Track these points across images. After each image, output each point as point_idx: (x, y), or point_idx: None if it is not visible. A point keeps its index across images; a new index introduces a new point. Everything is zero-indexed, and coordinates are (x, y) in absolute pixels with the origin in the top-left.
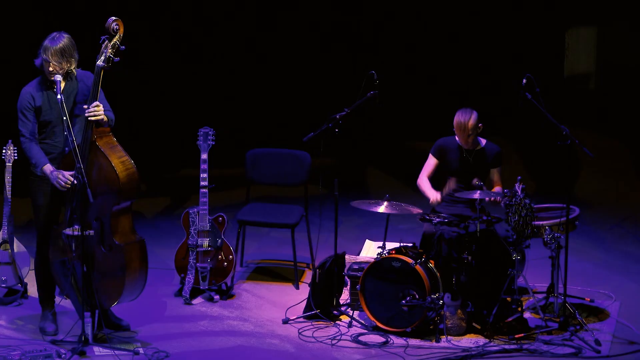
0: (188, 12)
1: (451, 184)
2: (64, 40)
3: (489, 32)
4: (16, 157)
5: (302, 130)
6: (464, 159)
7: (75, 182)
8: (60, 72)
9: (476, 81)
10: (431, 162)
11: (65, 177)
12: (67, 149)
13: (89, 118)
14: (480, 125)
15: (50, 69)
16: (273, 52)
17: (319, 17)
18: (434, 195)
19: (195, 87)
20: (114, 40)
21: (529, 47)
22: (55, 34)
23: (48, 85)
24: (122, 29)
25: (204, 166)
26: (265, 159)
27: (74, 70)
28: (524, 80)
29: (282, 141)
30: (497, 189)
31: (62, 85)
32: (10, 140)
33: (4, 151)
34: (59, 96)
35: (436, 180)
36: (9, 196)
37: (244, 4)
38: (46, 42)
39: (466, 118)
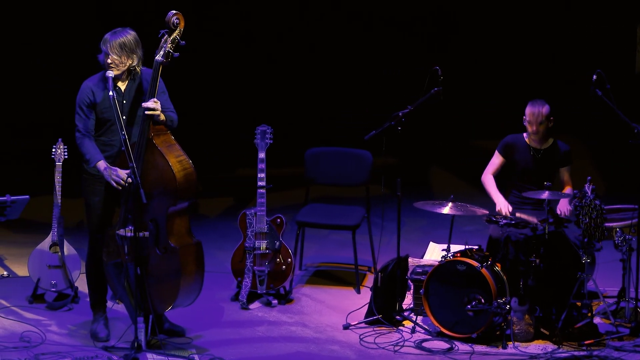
0: (248, 8)
1: (528, 218)
2: (127, 35)
3: (559, 28)
4: (66, 156)
5: (363, 128)
6: (532, 158)
7: (130, 180)
8: (120, 66)
9: (545, 78)
10: (497, 160)
11: (120, 174)
12: (122, 147)
13: (146, 112)
14: (551, 118)
15: (109, 61)
16: (333, 49)
17: (381, 12)
18: (505, 207)
19: (254, 84)
20: (174, 34)
21: (599, 43)
22: (119, 28)
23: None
24: (182, 23)
25: (262, 165)
26: (325, 158)
27: (137, 68)
28: (594, 77)
29: (342, 139)
30: (567, 190)
31: (125, 83)
32: (60, 139)
33: (53, 150)
34: (110, 92)
35: (501, 180)
36: (59, 197)
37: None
38: (107, 35)
39: (540, 107)
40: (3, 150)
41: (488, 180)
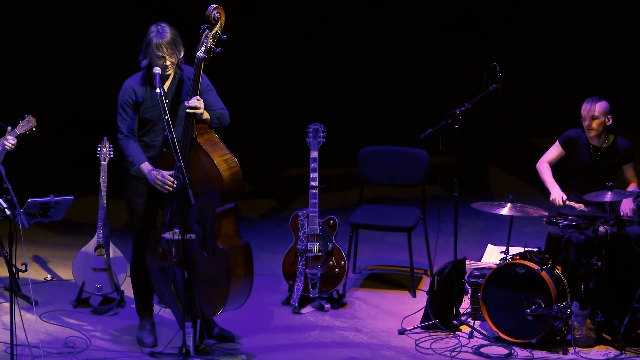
0: (299, 4)
1: (576, 205)
2: (169, 30)
3: (619, 24)
4: (112, 156)
5: (419, 126)
6: (591, 157)
7: (175, 182)
8: (170, 65)
9: (605, 74)
10: (556, 150)
11: (165, 177)
12: (164, 149)
13: (188, 111)
14: (609, 116)
15: (167, 63)
16: (387, 46)
17: (432, 9)
18: (559, 196)
19: (305, 81)
20: (215, 29)
21: None
22: (154, 27)
23: (152, 79)
24: (223, 17)
25: (314, 165)
26: (379, 157)
27: (180, 66)
28: None
29: (397, 138)
30: (632, 187)
31: (168, 82)
32: (105, 138)
33: (98, 149)
34: (158, 90)
35: (561, 180)
36: (104, 197)
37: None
38: (154, 39)
39: (593, 104)
40: (47, 149)
41: (544, 167)
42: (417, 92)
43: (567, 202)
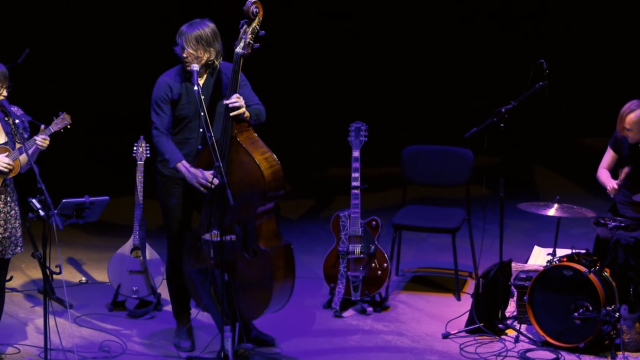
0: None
1: (625, 170)
2: (204, 27)
3: None
4: (148, 155)
5: (463, 125)
6: (634, 154)
7: (217, 182)
8: (196, 61)
9: None
10: (609, 155)
11: (205, 176)
12: (199, 146)
13: (231, 113)
14: None
15: (185, 55)
16: (432, 43)
17: (480, 6)
18: (610, 184)
19: (347, 78)
20: (254, 24)
21: None
22: (197, 20)
23: (188, 75)
24: (261, 12)
25: (356, 165)
26: (423, 156)
27: (216, 62)
28: None
29: (442, 137)
30: None
31: (204, 78)
32: (142, 136)
33: (135, 148)
34: (195, 87)
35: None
36: (141, 198)
37: None
38: (183, 27)
39: (626, 110)
40: (82, 148)
41: (602, 174)
42: (463, 90)
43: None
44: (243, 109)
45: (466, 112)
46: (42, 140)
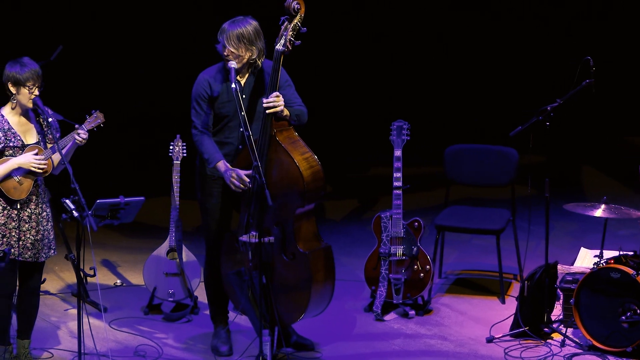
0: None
1: None
2: (246, 25)
3: None
4: (185, 154)
5: (508, 123)
6: None
7: (251, 182)
8: (237, 59)
9: None
10: None
11: (242, 176)
12: (240, 146)
13: (267, 111)
14: None
15: (225, 53)
16: (474, 39)
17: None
18: None
19: (388, 75)
20: (295, 21)
21: None
22: (239, 17)
23: (228, 73)
24: (303, 9)
25: (398, 164)
26: (467, 156)
27: (258, 61)
28: None
29: (485, 136)
30: None
31: (245, 77)
32: (178, 135)
33: (171, 147)
34: (233, 85)
35: None
36: (177, 198)
37: None
38: (225, 24)
39: None
40: (116, 147)
41: None
42: (508, 87)
43: None
44: (280, 108)
45: (511, 110)
46: (82, 135)
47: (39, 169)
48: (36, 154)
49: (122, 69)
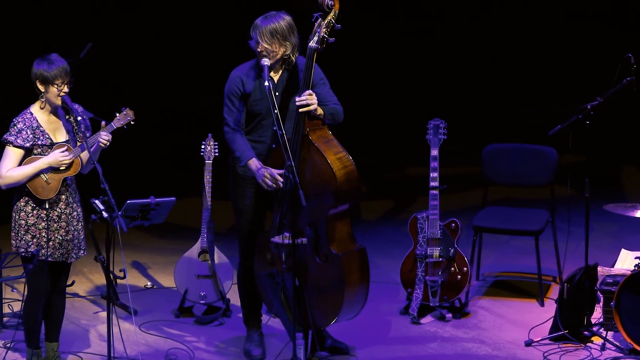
0: None
1: None
2: (279, 20)
3: None
4: (217, 154)
5: (547, 122)
6: None
7: (285, 182)
8: (271, 55)
9: None
10: None
11: (274, 175)
12: (274, 145)
13: (300, 109)
14: None
15: (259, 49)
16: (512, 36)
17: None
18: None
19: (425, 73)
20: (329, 18)
21: None
22: (272, 12)
23: (261, 70)
24: (337, 5)
25: (434, 164)
26: (505, 155)
27: (292, 57)
28: None
29: (524, 135)
30: None
31: (279, 74)
32: (210, 134)
33: (202, 146)
34: (266, 83)
35: None
36: (209, 198)
37: None
38: (258, 20)
39: None
40: (147, 146)
41: None
42: (545, 85)
43: None
44: (313, 107)
45: (550, 109)
46: (104, 137)
47: (64, 164)
48: (64, 151)
49: (154, 66)
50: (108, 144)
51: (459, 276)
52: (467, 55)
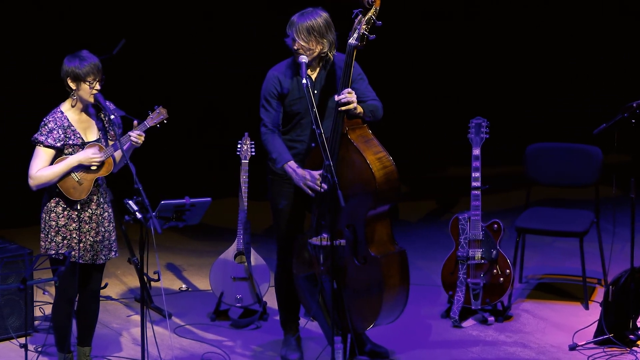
0: None
1: None
2: (316, 17)
3: None
4: (253, 153)
5: (592, 121)
6: None
7: (323, 182)
8: (309, 53)
9: None
10: None
11: (313, 177)
12: (312, 144)
13: (339, 105)
14: None
15: (296, 47)
16: (554, 33)
17: None
18: None
19: (467, 71)
20: (369, 14)
21: None
22: (309, 9)
23: (298, 69)
24: (378, 1)
25: (476, 163)
26: (548, 155)
27: (329, 55)
28: None
29: (568, 134)
30: None
31: (316, 71)
32: (246, 133)
33: (239, 146)
34: (304, 81)
35: None
36: (245, 199)
37: None
38: (294, 17)
39: None
40: (181, 145)
41: None
42: (590, 83)
43: None
44: (353, 105)
45: (594, 107)
46: (136, 136)
47: (96, 164)
48: (98, 149)
49: (189, 64)
50: (141, 142)
51: (501, 278)
52: (510, 53)
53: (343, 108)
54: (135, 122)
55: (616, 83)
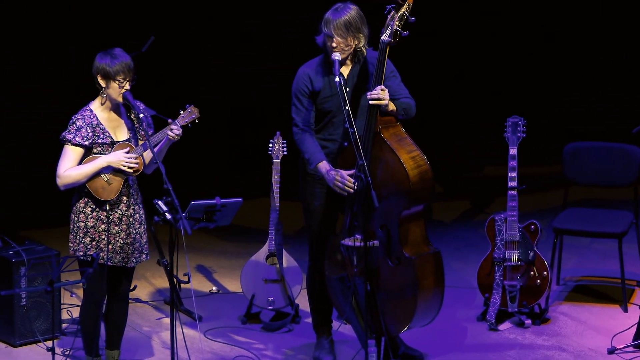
0: None
1: None
2: (350, 11)
3: None
4: (285, 152)
5: (632, 119)
6: None
7: (356, 183)
8: (346, 49)
9: None
10: None
11: (345, 178)
12: (345, 143)
13: (370, 102)
14: None
15: (334, 44)
16: (591, 30)
17: None
18: None
19: (503, 69)
20: (402, 10)
21: None
22: (339, 4)
23: (330, 66)
24: None
25: (513, 163)
26: (587, 154)
27: (363, 49)
28: None
29: (607, 133)
30: None
31: (349, 68)
32: (278, 132)
33: (270, 145)
34: (337, 78)
35: None
36: (277, 199)
37: None
38: (328, 14)
39: None
40: (212, 145)
41: None
42: (631, 81)
43: None
44: (386, 102)
45: (633, 106)
46: (174, 130)
47: (129, 168)
48: (127, 152)
49: (219, 63)
50: (178, 138)
51: (538, 280)
52: (547, 52)
53: (374, 103)
54: (170, 122)
55: None
